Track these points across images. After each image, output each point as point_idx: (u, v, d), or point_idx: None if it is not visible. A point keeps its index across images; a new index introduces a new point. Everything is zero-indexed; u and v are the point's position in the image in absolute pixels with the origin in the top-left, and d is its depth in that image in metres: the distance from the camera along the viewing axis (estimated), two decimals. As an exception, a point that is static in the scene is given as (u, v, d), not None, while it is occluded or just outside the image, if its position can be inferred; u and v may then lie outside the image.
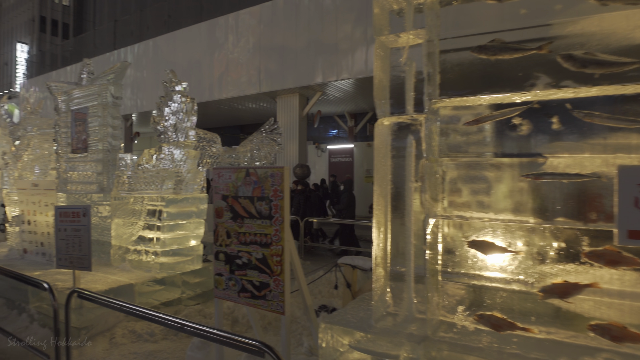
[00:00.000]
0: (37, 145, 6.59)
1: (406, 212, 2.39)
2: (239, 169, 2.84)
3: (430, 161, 2.28)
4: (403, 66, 2.36)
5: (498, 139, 2.20)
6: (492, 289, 2.21)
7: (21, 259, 5.85)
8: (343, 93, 13.31)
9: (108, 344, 4.10)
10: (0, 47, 45.34)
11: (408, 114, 2.37)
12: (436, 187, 2.31)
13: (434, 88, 2.25)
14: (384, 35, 2.39)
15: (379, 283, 2.50)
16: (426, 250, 2.25)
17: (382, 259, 2.48)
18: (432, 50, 2.24)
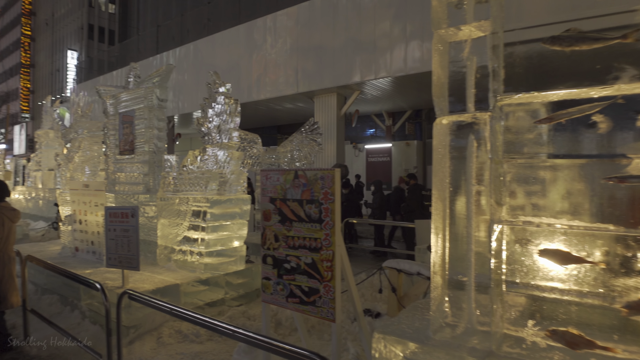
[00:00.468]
0: (87, 147, 6.82)
1: (467, 216, 2.23)
2: (287, 171, 2.77)
3: (495, 162, 2.12)
4: (464, 61, 2.21)
5: (573, 138, 2.01)
6: (565, 303, 2.03)
7: (73, 257, 6.06)
8: (381, 92, 13.11)
9: (155, 343, 4.15)
10: (53, 55, 47.87)
11: (469, 112, 2.22)
12: (500, 191, 2.15)
13: (499, 84, 2.09)
14: (443, 29, 2.25)
15: (436, 292, 2.35)
16: (491, 259, 2.09)
17: (440, 267, 2.34)
18: (496, 43, 2.08)
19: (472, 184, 2.23)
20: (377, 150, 17.12)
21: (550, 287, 2.08)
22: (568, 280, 2.02)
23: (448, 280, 2.36)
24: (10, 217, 4.02)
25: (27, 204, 13.43)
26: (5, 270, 3.98)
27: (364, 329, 2.89)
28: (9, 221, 4.00)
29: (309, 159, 7.21)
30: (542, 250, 2.03)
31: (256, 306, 5.18)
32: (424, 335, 2.29)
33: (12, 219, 4.04)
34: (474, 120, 2.19)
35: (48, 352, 4.20)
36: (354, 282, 2.81)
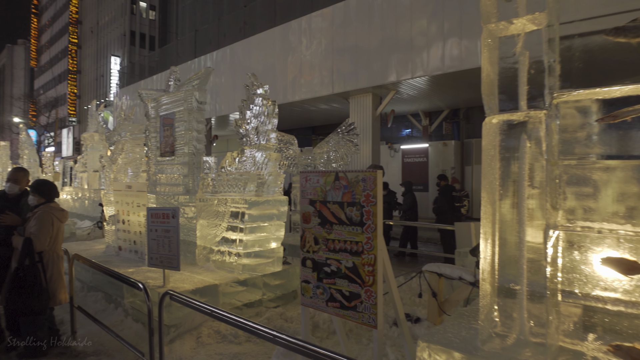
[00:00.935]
0: (129, 150, 7.03)
1: (519, 221, 2.11)
2: (327, 172, 2.72)
3: (550, 164, 1.99)
4: (516, 56, 2.09)
5: (636, 138, 1.86)
6: (631, 316, 1.87)
7: (116, 255, 6.25)
8: (417, 91, 12.88)
9: (195, 343, 4.20)
10: (98, 61, 50.06)
11: (521, 110, 2.09)
12: (556, 194, 2.01)
13: (555, 80, 1.96)
14: (493, 23, 2.13)
15: (485, 300, 2.24)
16: (546, 266, 1.96)
17: (489, 274, 2.22)
18: (552, 37, 1.95)
19: (524, 187, 2.10)
20: (413, 150, 16.83)
21: (613, 299, 1.93)
22: (634, 292, 1.87)
23: (498, 288, 2.24)
24: (59, 217, 4.17)
25: (74, 203, 14.05)
26: (54, 268, 4.13)
27: (407, 336, 2.80)
28: (58, 221, 4.15)
29: (345, 160, 7.15)
30: (604, 258, 1.88)
31: (293, 308, 5.17)
32: (472, 346, 2.18)
33: (61, 219, 4.19)
34: (527, 119, 2.07)
35: (93, 348, 4.34)
36: (396, 287, 2.72)
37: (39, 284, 3.86)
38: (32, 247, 3.89)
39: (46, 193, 4.19)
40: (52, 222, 4.06)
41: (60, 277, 4.20)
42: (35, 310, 3.88)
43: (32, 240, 3.89)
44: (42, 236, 3.96)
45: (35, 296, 3.83)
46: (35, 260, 3.92)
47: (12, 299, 3.80)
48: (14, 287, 3.80)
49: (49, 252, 4.10)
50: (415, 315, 4.81)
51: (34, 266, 3.87)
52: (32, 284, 3.82)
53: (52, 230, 4.07)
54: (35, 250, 3.93)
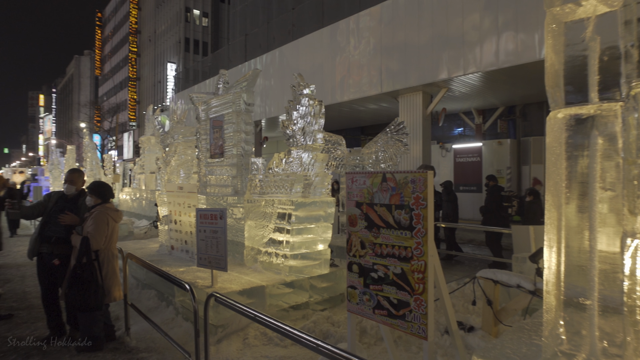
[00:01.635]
0: (182, 152, 7.24)
1: (590, 227, 1.88)
2: (374, 173, 2.60)
3: (628, 163, 1.76)
4: (585, 42, 1.86)
5: None
6: None
7: (169, 254, 6.45)
8: (470, 88, 12.37)
9: (241, 344, 4.20)
10: (155, 68, 52.64)
11: (592, 102, 1.87)
12: (635, 197, 1.77)
13: (633, 67, 1.72)
14: (557, 7, 1.92)
15: (549, 314, 2.03)
16: (623, 279, 1.73)
17: (554, 285, 2.01)
18: (629, 18, 1.72)
19: (595, 189, 1.87)
20: (466, 150, 16.20)
21: None
22: None
23: (564, 301, 2.02)
24: (114, 217, 4.35)
25: (132, 203, 14.78)
26: (109, 266, 4.30)
27: (459, 347, 2.61)
28: (113, 221, 4.32)
29: (394, 160, 6.96)
30: (696, 272, 1.63)
31: (340, 311, 5.07)
32: (535, 364, 1.98)
33: (115, 219, 4.37)
34: (598, 112, 1.84)
35: (145, 344, 4.46)
36: (447, 295, 2.55)
37: (95, 281, 4.03)
38: (89, 245, 4.07)
39: (102, 194, 4.38)
40: (107, 222, 4.23)
41: (114, 274, 4.36)
42: (92, 305, 4.03)
43: (89, 240, 4.07)
44: (99, 235, 4.13)
45: (91, 292, 4.00)
46: (92, 258, 4.10)
47: (71, 294, 3.98)
48: (73, 284, 3.99)
49: (105, 250, 4.26)
50: (468, 324, 4.56)
51: (90, 264, 4.04)
52: (89, 280, 3.99)
53: (108, 229, 4.24)
54: (92, 248, 4.10)
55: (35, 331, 4.89)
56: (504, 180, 14.67)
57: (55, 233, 4.39)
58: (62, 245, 4.37)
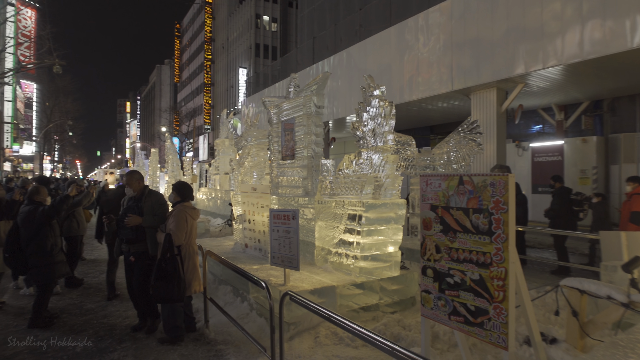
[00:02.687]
0: (255, 154, 7.53)
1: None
2: (450, 176, 2.53)
3: None
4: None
5: None
6: None
7: (243, 252, 6.74)
8: (550, 83, 11.56)
9: (313, 342, 4.29)
10: (228, 73, 55.24)
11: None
12: None
13: None
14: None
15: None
16: None
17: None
18: None
19: None
20: (545, 148, 15.17)
21: None
22: None
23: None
24: (192, 215, 4.65)
25: (208, 203, 15.62)
26: (190, 261, 4.59)
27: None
28: (191, 218, 4.62)
29: (467, 161, 6.71)
30: None
31: (411, 315, 4.99)
32: (633, 384, 1.82)
33: (193, 217, 4.68)
34: None
35: (222, 337, 4.71)
36: (530, 303, 2.42)
37: (177, 274, 4.32)
38: (172, 241, 4.38)
39: (183, 193, 4.71)
40: (186, 219, 4.52)
41: (195, 269, 4.64)
42: (174, 297, 4.32)
43: (172, 236, 4.37)
44: (179, 232, 4.44)
45: (174, 285, 4.29)
46: (175, 253, 4.40)
47: (156, 287, 4.31)
48: (158, 277, 4.31)
49: (186, 246, 4.57)
50: (550, 335, 4.28)
51: (174, 258, 4.34)
52: (172, 274, 4.29)
53: (187, 226, 4.53)
54: (174, 244, 4.40)
55: (127, 319, 5.36)
56: (590, 181, 13.54)
57: (124, 235, 4.80)
58: (136, 243, 4.75)
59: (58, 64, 20.43)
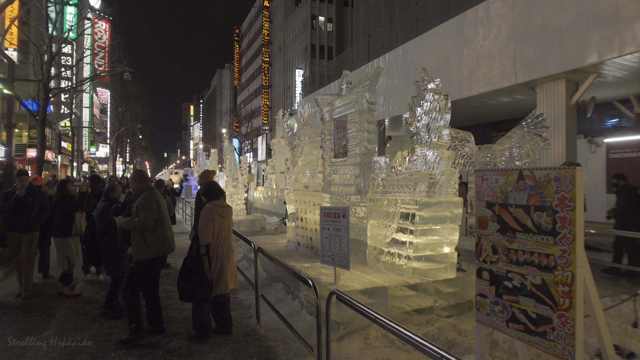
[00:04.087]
0: (308, 152, 7.54)
1: None
2: (508, 170, 2.33)
3: None
4: None
5: None
6: None
7: (295, 250, 6.76)
8: (627, 72, 10.57)
9: (363, 344, 4.18)
10: (285, 75, 56.26)
11: None
12: None
13: None
14: None
15: None
16: None
17: None
18: None
19: None
20: (622, 144, 13.91)
21: None
22: None
23: None
24: (220, 213, 4.56)
25: (264, 201, 15.95)
26: (218, 261, 4.52)
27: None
28: (219, 217, 4.53)
29: (531, 157, 6.26)
30: None
31: (468, 320, 4.73)
32: None
33: (223, 215, 4.58)
34: None
35: (272, 334, 4.73)
36: (601, 312, 2.16)
37: (201, 274, 4.29)
38: (198, 240, 4.41)
39: (207, 194, 4.71)
40: (212, 217, 4.46)
41: (223, 269, 4.53)
42: (198, 297, 4.29)
43: (198, 235, 4.42)
44: (205, 231, 4.41)
45: (197, 284, 4.26)
46: (201, 252, 4.39)
47: (180, 284, 4.34)
48: (181, 275, 4.34)
49: (215, 245, 4.51)
50: (627, 349, 3.86)
51: (198, 258, 4.35)
52: (196, 273, 4.28)
53: (214, 225, 4.46)
54: (201, 243, 4.41)
55: (184, 312, 5.55)
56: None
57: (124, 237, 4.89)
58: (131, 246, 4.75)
59: (128, 71, 21.82)
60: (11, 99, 13.46)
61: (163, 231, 4.60)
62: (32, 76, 19.99)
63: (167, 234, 4.68)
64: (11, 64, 13.39)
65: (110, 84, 57.98)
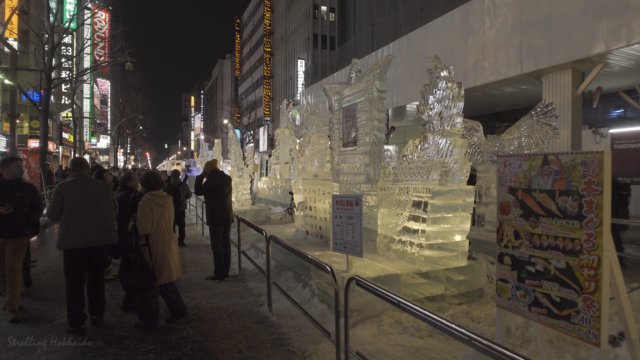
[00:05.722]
0: (315, 141, 7.53)
1: None
2: (532, 156, 2.33)
3: None
4: None
5: None
6: None
7: (304, 239, 6.78)
8: (634, 61, 10.52)
9: (376, 330, 4.22)
10: (286, 65, 55.95)
11: None
12: None
13: None
14: None
15: None
16: None
17: None
18: None
19: None
20: (627, 135, 13.86)
21: None
22: None
23: None
24: (160, 203, 4.52)
25: (268, 192, 15.95)
26: (159, 251, 4.48)
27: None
28: (158, 206, 4.50)
29: (540, 147, 6.26)
30: None
31: (479, 307, 4.76)
32: None
33: (162, 205, 4.54)
34: None
35: (284, 321, 4.76)
36: (627, 297, 2.18)
37: (140, 264, 4.28)
38: (137, 231, 4.41)
39: (147, 184, 4.67)
40: (151, 207, 4.43)
41: (164, 258, 4.49)
42: (138, 286, 4.30)
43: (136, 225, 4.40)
44: (143, 221, 4.38)
45: (137, 274, 4.27)
46: (141, 243, 4.39)
47: (121, 275, 4.37)
48: (122, 265, 4.38)
49: (155, 235, 4.46)
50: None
51: (137, 248, 4.35)
52: (134, 264, 4.29)
53: (153, 215, 4.43)
54: (139, 234, 4.40)
55: (194, 300, 5.59)
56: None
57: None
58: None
59: (129, 61, 21.71)
60: (14, 90, 13.42)
61: (66, 225, 4.39)
62: (32, 66, 19.91)
63: (71, 228, 4.37)
64: (14, 53, 13.33)
65: (110, 75, 57.69)
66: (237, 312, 5.17)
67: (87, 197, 4.50)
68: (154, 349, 4.10)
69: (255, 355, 3.98)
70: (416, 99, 15.76)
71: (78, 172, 4.61)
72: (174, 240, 4.71)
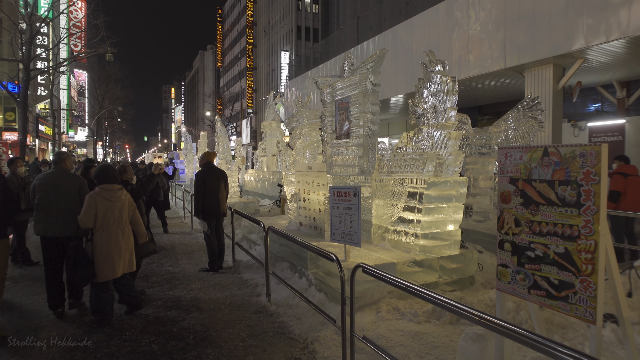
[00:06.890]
0: (307, 134, 7.61)
1: None
2: (533, 148, 2.48)
3: None
4: None
5: None
6: None
7: (298, 230, 6.87)
8: (612, 57, 10.90)
9: (375, 317, 4.36)
10: (270, 57, 55.54)
11: None
12: None
13: None
14: None
15: None
16: None
17: None
18: None
19: None
20: (604, 128, 14.35)
21: None
22: None
23: None
24: (107, 197, 4.49)
25: (255, 184, 15.96)
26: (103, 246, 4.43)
27: (630, 337, 2.41)
28: (105, 201, 4.47)
29: (526, 139, 6.48)
30: None
31: (470, 294, 4.96)
32: None
33: (109, 199, 4.50)
34: None
35: (283, 310, 4.88)
36: (619, 279, 2.35)
37: (82, 257, 4.34)
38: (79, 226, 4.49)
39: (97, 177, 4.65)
40: (95, 202, 4.41)
41: (108, 254, 4.44)
42: (78, 280, 4.38)
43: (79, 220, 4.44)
44: (84, 216, 4.38)
45: (71, 268, 4.34)
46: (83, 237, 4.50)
47: (66, 268, 4.43)
48: (67, 259, 4.41)
49: (99, 230, 4.43)
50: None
51: (78, 242, 4.41)
52: (75, 257, 4.35)
53: (97, 209, 4.40)
54: (80, 227, 4.47)
55: (191, 292, 5.63)
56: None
57: None
58: None
59: (110, 51, 21.28)
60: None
61: (35, 213, 4.71)
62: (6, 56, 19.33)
63: (39, 216, 4.68)
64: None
65: (88, 65, 56.32)
66: (235, 302, 5.25)
67: (54, 189, 4.75)
68: (157, 339, 4.16)
69: (258, 344, 4.08)
70: (401, 92, 15.93)
71: (55, 166, 4.94)
72: (125, 235, 4.61)
